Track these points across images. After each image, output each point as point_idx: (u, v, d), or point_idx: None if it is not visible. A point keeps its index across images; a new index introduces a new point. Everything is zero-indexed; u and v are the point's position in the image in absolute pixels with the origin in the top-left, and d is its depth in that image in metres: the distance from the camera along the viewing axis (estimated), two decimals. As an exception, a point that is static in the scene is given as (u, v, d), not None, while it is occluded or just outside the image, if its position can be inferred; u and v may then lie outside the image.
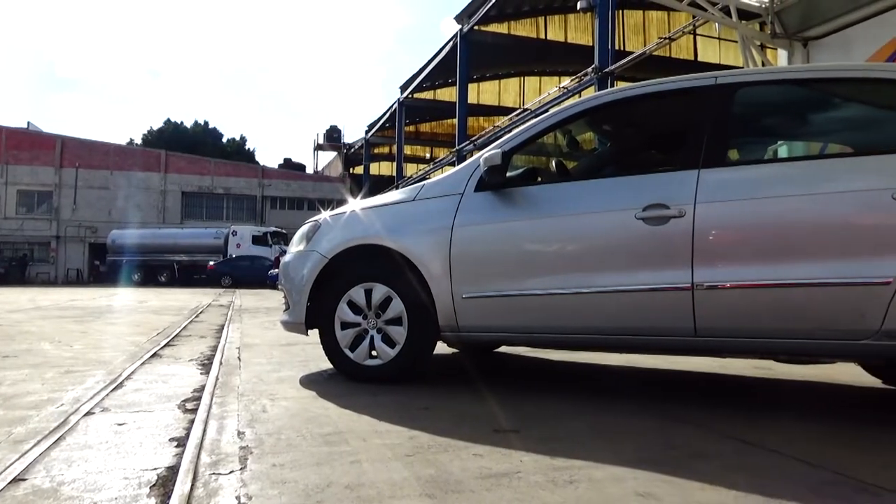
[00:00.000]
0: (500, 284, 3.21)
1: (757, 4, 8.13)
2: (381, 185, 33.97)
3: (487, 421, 2.68)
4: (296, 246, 3.89)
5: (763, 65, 8.44)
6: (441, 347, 4.19)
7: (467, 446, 2.28)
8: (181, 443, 2.33)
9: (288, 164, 53.33)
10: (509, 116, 19.47)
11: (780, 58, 8.39)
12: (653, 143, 4.49)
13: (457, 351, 4.84)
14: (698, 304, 2.83)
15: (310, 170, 50.85)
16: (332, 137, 48.04)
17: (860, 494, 1.83)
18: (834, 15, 7.43)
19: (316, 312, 3.64)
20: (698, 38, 21.12)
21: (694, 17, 8.90)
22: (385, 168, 41.34)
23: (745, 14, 8.31)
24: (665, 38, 12.45)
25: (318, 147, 48.88)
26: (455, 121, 21.76)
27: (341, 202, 5.26)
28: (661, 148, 4.29)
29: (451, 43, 20.57)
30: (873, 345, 2.62)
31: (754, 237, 2.84)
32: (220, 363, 4.25)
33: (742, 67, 8.71)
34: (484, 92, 27.70)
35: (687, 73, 3.47)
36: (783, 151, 4.02)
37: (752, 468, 2.07)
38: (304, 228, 3.90)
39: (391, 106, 29.16)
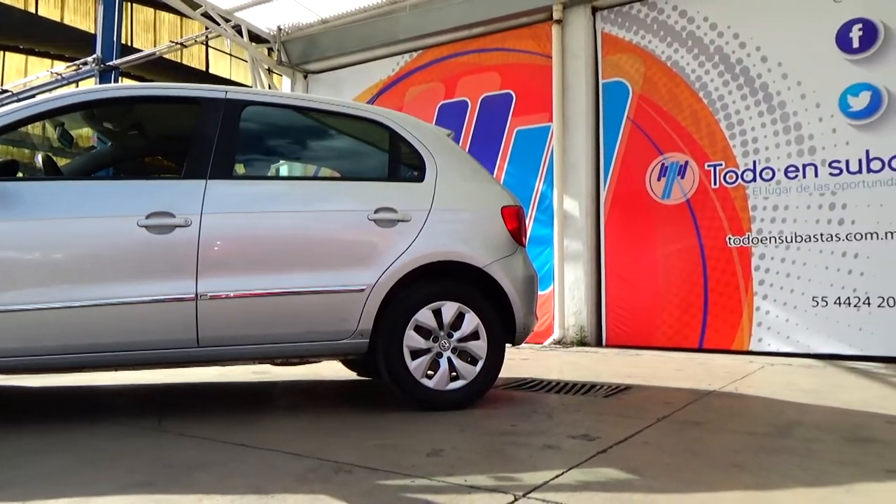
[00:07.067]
0: (-41, 299, 2.60)
1: (267, 31, 8.68)
2: None
3: (-68, 471, 2.12)
4: None
5: (270, 87, 9.06)
6: None
7: None
8: None
9: None
10: (-17, 95, 16.02)
11: (285, 84, 9.14)
12: (160, 147, 4.34)
13: None
14: (202, 314, 2.85)
15: None
16: None
17: (338, 474, 2.11)
18: (328, 56, 8.54)
19: None
20: (211, 50, 21.34)
21: (207, 28, 8.94)
22: None
23: (257, 38, 8.78)
24: (176, 43, 12.12)
25: None
26: None
27: None
28: (169, 154, 4.18)
29: None
30: (351, 343, 3.12)
31: (256, 248, 3.02)
32: None
33: (251, 87, 9.17)
34: (-55, 59, 22.18)
35: (199, 82, 3.48)
36: (284, 170, 4.38)
37: (248, 470, 2.17)
38: None
39: None
